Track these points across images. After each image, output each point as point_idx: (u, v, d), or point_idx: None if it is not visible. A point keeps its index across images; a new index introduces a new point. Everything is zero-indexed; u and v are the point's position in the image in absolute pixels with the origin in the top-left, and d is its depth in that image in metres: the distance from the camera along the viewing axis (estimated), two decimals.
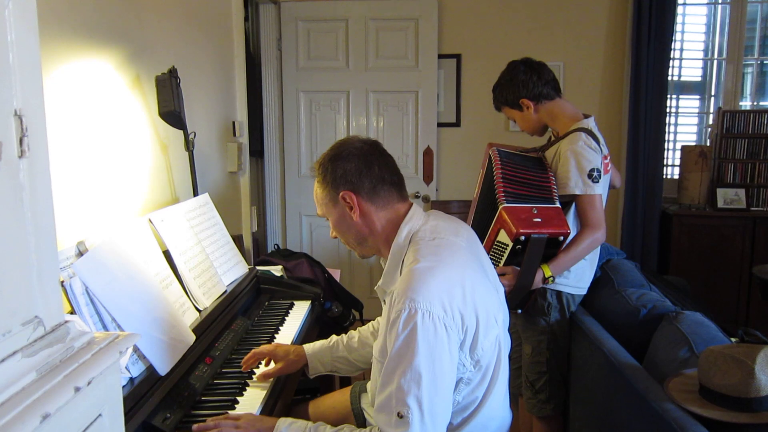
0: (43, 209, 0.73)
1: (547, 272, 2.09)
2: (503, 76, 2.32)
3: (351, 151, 1.49)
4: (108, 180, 1.90)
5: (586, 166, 2.08)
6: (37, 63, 0.72)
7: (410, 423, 1.27)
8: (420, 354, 1.28)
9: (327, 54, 4.30)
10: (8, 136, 0.66)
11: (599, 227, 2.11)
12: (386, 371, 1.32)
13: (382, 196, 1.49)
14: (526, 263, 2.04)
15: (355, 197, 1.47)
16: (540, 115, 2.28)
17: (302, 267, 2.77)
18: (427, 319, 1.29)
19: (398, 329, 1.30)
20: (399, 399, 1.28)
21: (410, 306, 1.30)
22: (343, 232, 1.54)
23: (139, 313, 1.49)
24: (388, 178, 1.51)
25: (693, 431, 1.34)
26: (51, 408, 0.66)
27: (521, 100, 2.26)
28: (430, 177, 4.38)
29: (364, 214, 1.49)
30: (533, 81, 2.23)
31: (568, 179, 2.10)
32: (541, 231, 1.99)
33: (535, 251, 2.02)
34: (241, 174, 3.32)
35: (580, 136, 2.13)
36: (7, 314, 0.67)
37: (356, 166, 1.47)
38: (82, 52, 1.76)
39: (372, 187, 1.48)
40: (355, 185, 1.47)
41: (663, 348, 1.82)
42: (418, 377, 1.28)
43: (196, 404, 1.57)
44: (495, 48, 4.26)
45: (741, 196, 4.15)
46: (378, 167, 1.49)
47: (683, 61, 4.45)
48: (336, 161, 1.49)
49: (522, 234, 1.98)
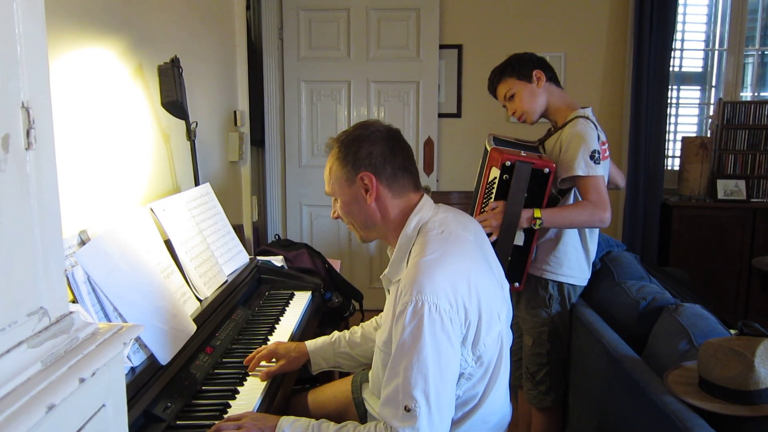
0: (48, 201, 0.73)
1: (537, 213, 2.07)
2: (512, 57, 2.31)
3: (377, 134, 1.49)
4: (110, 169, 1.89)
5: (588, 148, 2.09)
6: (44, 55, 0.72)
7: (418, 416, 1.27)
8: (427, 347, 1.28)
9: (328, 44, 4.29)
10: (15, 128, 0.66)
11: (603, 207, 2.08)
12: (392, 364, 1.32)
13: (400, 184, 1.50)
14: (513, 191, 2.07)
15: (375, 180, 1.47)
16: (544, 94, 2.27)
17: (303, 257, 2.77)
18: (434, 312, 1.29)
19: (405, 321, 1.30)
20: (406, 392, 1.28)
21: (417, 299, 1.30)
22: (351, 214, 1.53)
23: (140, 302, 1.50)
24: (408, 168, 1.52)
25: (692, 424, 1.35)
26: (56, 399, 0.66)
27: (535, 71, 2.25)
28: (430, 168, 4.38)
29: (379, 199, 1.48)
30: (544, 63, 2.29)
31: (571, 161, 2.10)
32: (525, 159, 2.06)
33: (521, 179, 2.06)
34: (242, 164, 3.32)
35: (579, 121, 2.16)
36: (13, 305, 0.67)
37: (382, 151, 1.47)
38: (85, 41, 1.75)
39: (393, 174, 1.48)
40: (377, 168, 1.47)
41: (662, 340, 1.82)
42: (425, 370, 1.28)
43: (197, 393, 1.57)
44: (496, 39, 4.25)
45: (741, 188, 4.16)
46: (402, 156, 1.50)
47: (684, 51, 4.44)
48: (362, 142, 1.48)
49: (507, 159, 2.05)
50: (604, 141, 2.21)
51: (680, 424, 1.37)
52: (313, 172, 4.33)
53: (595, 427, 2.00)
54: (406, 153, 1.52)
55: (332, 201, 1.58)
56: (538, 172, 2.07)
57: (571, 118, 2.20)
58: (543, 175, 2.07)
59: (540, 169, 2.07)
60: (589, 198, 2.09)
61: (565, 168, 2.12)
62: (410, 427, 1.27)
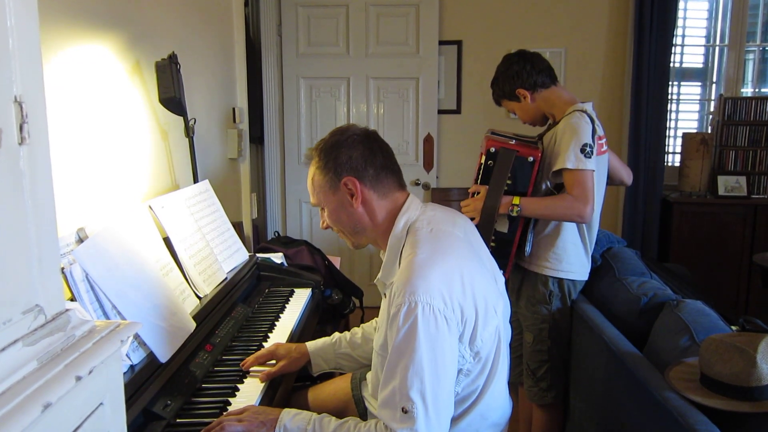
0: (43, 197, 0.72)
1: (515, 200, 2.09)
2: (498, 69, 2.36)
3: (354, 138, 1.48)
4: (108, 166, 1.88)
5: (579, 141, 2.07)
6: (37, 49, 0.71)
7: (415, 417, 1.26)
8: (421, 348, 1.27)
9: (327, 40, 4.28)
10: (8, 122, 0.65)
11: (583, 201, 2.04)
12: (388, 366, 1.31)
13: (384, 185, 1.49)
14: (494, 176, 2.10)
15: (359, 184, 1.45)
16: (537, 103, 2.30)
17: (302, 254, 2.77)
18: (428, 312, 1.28)
19: (399, 323, 1.29)
20: (402, 394, 1.27)
21: (410, 299, 1.29)
22: (340, 221, 1.52)
23: (139, 300, 1.49)
24: (390, 167, 1.50)
25: (694, 420, 1.34)
26: (52, 397, 0.65)
27: (517, 90, 2.29)
28: (430, 164, 4.37)
29: (366, 202, 1.47)
30: (527, 70, 2.26)
31: (561, 154, 2.09)
32: (511, 147, 2.11)
33: (503, 164, 2.10)
34: (241, 161, 3.31)
35: (574, 114, 2.15)
36: (8, 303, 0.67)
37: (361, 153, 1.46)
38: (81, 38, 1.74)
39: (375, 175, 1.47)
40: (359, 172, 1.46)
41: (664, 336, 1.82)
42: (421, 371, 1.27)
43: (197, 391, 1.57)
44: (496, 34, 4.24)
45: (742, 184, 4.15)
46: (381, 155, 1.49)
47: (685, 47, 4.43)
48: (340, 147, 1.47)
49: (492, 146, 2.12)
50: (601, 135, 2.20)
51: (681, 420, 1.36)
52: None
53: (596, 423, 2.00)
54: (386, 152, 1.51)
55: (320, 212, 1.57)
56: (522, 159, 2.10)
57: (568, 112, 2.20)
58: (527, 163, 2.10)
59: (524, 157, 2.10)
60: (572, 192, 2.06)
61: (554, 160, 2.12)
62: (408, 429, 1.27)
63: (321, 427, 1.35)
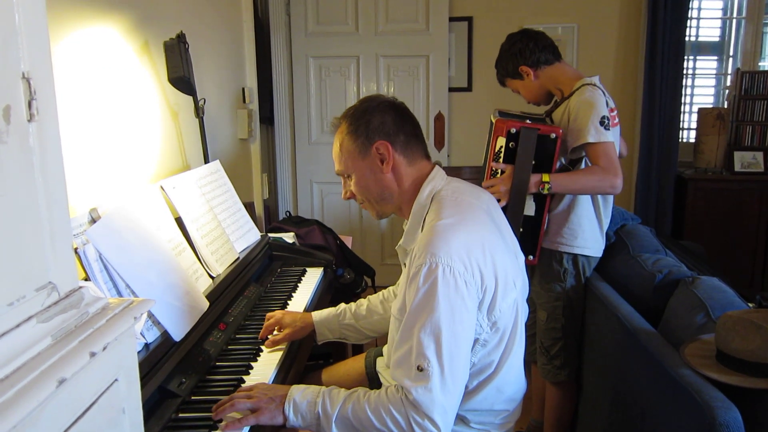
0: (54, 174, 0.72)
1: (545, 177, 2.07)
2: (502, 48, 2.35)
3: (385, 104, 1.51)
4: (119, 147, 1.88)
5: (597, 114, 2.06)
6: (43, 25, 0.70)
7: (430, 376, 1.26)
8: (440, 308, 1.27)
9: (336, 18, 4.23)
10: (17, 99, 0.65)
11: (614, 172, 2.05)
12: (405, 326, 1.31)
13: (413, 151, 1.51)
14: (520, 157, 2.07)
15: (391, 148, 1.47)
16: (541, 81, 2.29)
17: (314, 234, 2.76)
18: (448, 273, 1.28)
19: (419, 283, 1.29)
20: (419, 352, 1.27)
21: (431, 260, 1.29)
22: (367, 188, 1.52)
23: (152, 279, 1.50)
24: (419, 135, 1.53)
25: (710, 396, 1.33)
26: (67, 373, 0.65)
27: (520, 67, 2.28)
28: (441, 143, 4.34)
29: (395, 168, 1.49)
30: (530, 48, 2.25)
31: (581, 129, 2.07)
32: (530, 126, 2.07)
33: (528, 145, 2.06)
34: (252, 141, 3.31)
35: (586, 89, 2.14)
36: (21, 280, 0.67)
37: (393, 118, 1.48)
38: (89, 19, 1.73)
39: (406, 141, 1.49)
40: (391, 137, 1.47)
41: (679, 313, 1.80)
42: (438, 331, 1.27)
43: (211, 369, 1.58)
44: (507, 10, 4.16)
45: (759, 160, 4.08)
46: (411, 124, 1.52)
47: (701, 20, 4.34)
48: (372, 112, 1.48)
49: (512, 126, 2.07)
50: (612, 107, 2.19)
51: (698, 396, 1.35)
52: (323, 149, 4.31)
53: (609, 400, 1.99)
54: (414, 122, 1.54)
55: (342, 181, 1.57)
56: (544, 137, 2.07)
57: (577, 87, 2.18)
58: (550, 140, 2.08)
59: (546, 135, 2.07)
60: (599, 163, 2.06)
61: (575, 136, 2.09)
62: (423, 387, 1.26)
63: (330, 398, 1.35)
